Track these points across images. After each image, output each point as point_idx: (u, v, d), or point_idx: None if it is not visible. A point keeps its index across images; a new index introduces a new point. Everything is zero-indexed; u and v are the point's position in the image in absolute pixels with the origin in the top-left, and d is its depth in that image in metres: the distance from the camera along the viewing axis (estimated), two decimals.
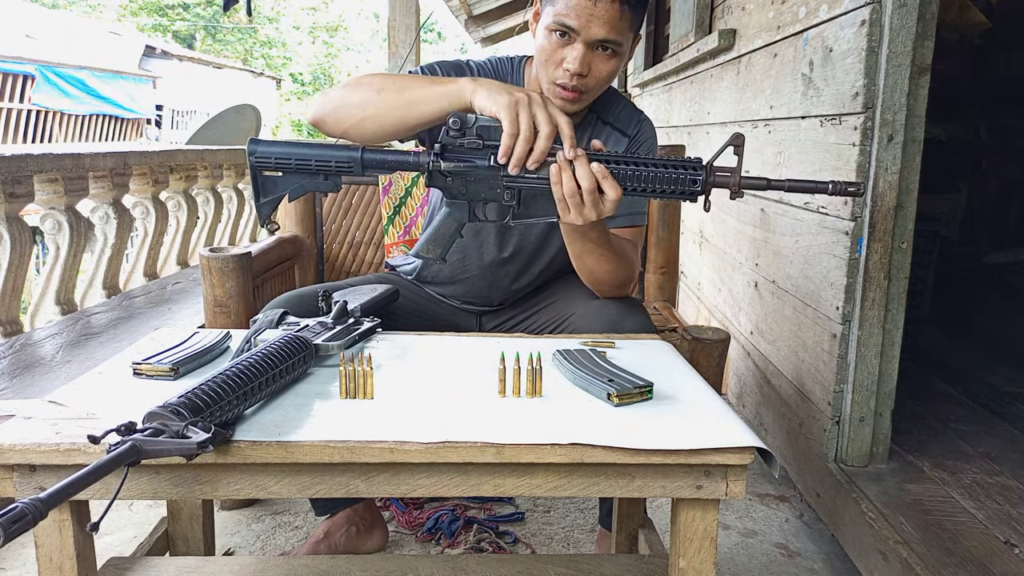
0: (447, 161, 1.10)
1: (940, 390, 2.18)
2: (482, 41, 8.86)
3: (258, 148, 1.10)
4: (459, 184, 1.12)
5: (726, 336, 1.53)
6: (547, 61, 1.26)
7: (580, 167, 1.07)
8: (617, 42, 1.23)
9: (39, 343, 2.33)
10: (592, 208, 1.09)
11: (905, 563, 1.28)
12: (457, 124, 1.08)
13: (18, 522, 0.57)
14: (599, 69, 1.25)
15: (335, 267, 2.04)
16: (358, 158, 1.09)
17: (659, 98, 3.94)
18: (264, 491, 0.86)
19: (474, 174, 1.11)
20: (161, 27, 20.63)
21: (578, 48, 1.22)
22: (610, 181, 1.07)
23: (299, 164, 1.10)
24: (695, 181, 1.08)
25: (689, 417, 0.92)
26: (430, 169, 1.10)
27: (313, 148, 1.10)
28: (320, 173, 1.10)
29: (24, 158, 2.56)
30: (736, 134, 1.06)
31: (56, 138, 10.98)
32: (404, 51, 5.09)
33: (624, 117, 1.45)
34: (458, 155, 1.10)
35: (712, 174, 1.08)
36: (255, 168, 1.11)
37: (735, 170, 1.08)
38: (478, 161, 1.10)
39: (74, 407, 0.90)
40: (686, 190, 1.08)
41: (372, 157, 1.09)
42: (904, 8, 1.44)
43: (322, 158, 1.09)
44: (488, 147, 1.09)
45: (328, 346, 1.03)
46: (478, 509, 1.79)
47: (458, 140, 1.09)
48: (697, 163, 1.08)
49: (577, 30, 1.21)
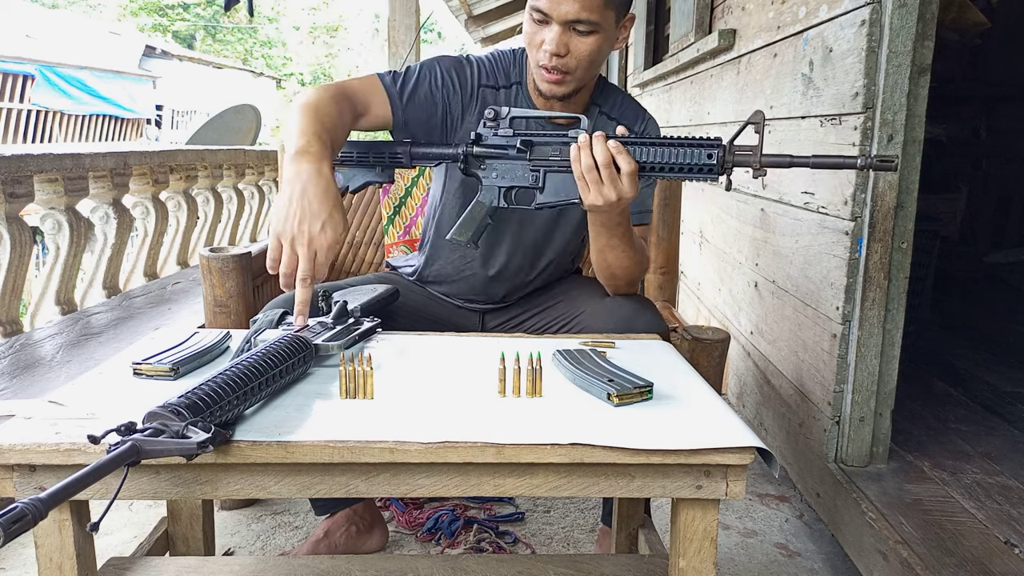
0: (480, 147, 1.23)
1: (940, 390, 2.18)
2: (482, 41, 8.86)
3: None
4: (491, 170, 1.24)
5: (726, 336, 1.53)
6: (530, 45, 1.31)
7: (597, 144, 1.13)
8: (591, 21, 1.24)
9: (39, 343, 2.33)
10: (611, 185, 1.13)
11: (905, 563, 1.28)
12: (492, 115, 1.22)
13: (18, 522, 0.57)
14: (578, 49, 1.27)
15: (335, 267, 2.04)
16: (408, 151, 1.25)
17: (659, 98, 3.94)
18: (264, 491, 0.86)
19: (504, 159, 1.23)
20: (161, 27, 20.63)
21: (554, 29, 1.25)
22: (624, 155, 1.13)
23: (360, 158, 1.26)
24: (711, 156, 1.11)
25: (689, 417, 0.92)
26: (466, 154, 1.23)
27: (370, 145, 1.26)
28: (376, 165, 1.27)
29: (24, 158, 2.56)
30: (757, 111, 1.08)
31: (56, 138, 10.98)
32: (404, 51, 5.09)
33: (629, 113, 1.45)
34: (491, 143, 1.23)
35: (732, 152, 1.11)
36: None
37: (756, 148, 1.10)
38: (508, 148, 1.22)
39: (74, 407, 0.90)
40: (704, 166, 1.12)
41: (419, 150, 1.26)
42: (904, 8, 1.44)
43: (378, 151, 1.25)
44: (518, 135, 1.21)
45: (328, 346, 1.03)
46: (478, 509, 1.79)
47: (493, 131, 1.22)
48: (716, 141, 1.12)
49: (548, 12, 1.24)
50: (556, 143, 1.20)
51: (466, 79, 1.39)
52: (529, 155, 1.20)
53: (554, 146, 1.20)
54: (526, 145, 1.20)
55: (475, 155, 1.23)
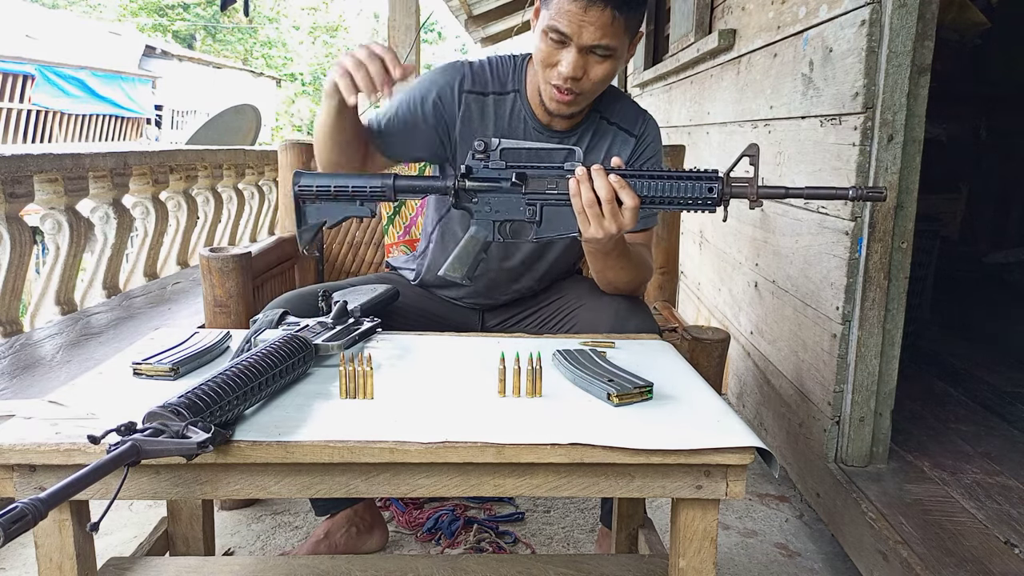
0: (472, 181, 1.17)
1: (940, 390, 2.18)
2: (482, 41, 8.86)
3: (301, 179, 1.17)
4: (483, 203, 1.18)
5: (726, 336, 1.53)
6: (543, 63, 1.28)
7: (598, 178, 1.11)
8: (610, 47, 1.23)
9: (39, 343, 2.33)
10: (612, 219, 1.12)
11: (905, 563, 1.28)
12: (481, 146, 1.17)
13: (18, 522, 0.57)
14: (594, 72, 1.26)
15: (335, 267, 2.04)
16: (391, 185, 1.17)
17: (659, 98, 3.94)
18: (264, 491, 0.86)
19: (498, 193, 1.17)
20: (161, 27, 20.62)
21: (571, 52, 1.23)
22: (628, 191, 1.11)
23: (338, 191, 1.18)
24: (711, 190, 1.10)
25: (689, 417, 0.92)
26: (456, 189, 1.17)
27: (350, 178, 1.19)
28: (356, 199, 1.18)
29: (24, 158, 2.56)
30: (752, 144, 1.08)
31: (56, 138, 10.98)
32: (404, 51, 5.09)
33: (628, 116, 1.45)
34: (482, 176, 1.17)
35: (729, 184, 1.11)
36: (299, 197, 1.18)
37: (752, 180, 1.10)
38: (502, 181, 1.16)
39: (74, 407, 0.90)
40: (703, 199, 1.11)
41: (403, 184, 1.18)
42: (904, 8, 1.44)
43: (358, 186, 1.18)
44: (511, 167, 1.16)
45: (328, 346, 1.03)
46: (478, 509, 1.79)
47: (483, 163, 1.17)
48: (713, 174, 1.11)
49: (570, 36, 1.22)
50: (552, 176, 1.16)
51: (451, 85, 1.39)
52: (524, 188, 1.16)
53: (550, 179, 1.16)
54: (521, 178, 1.16)
55: (466, 189, 1.17)
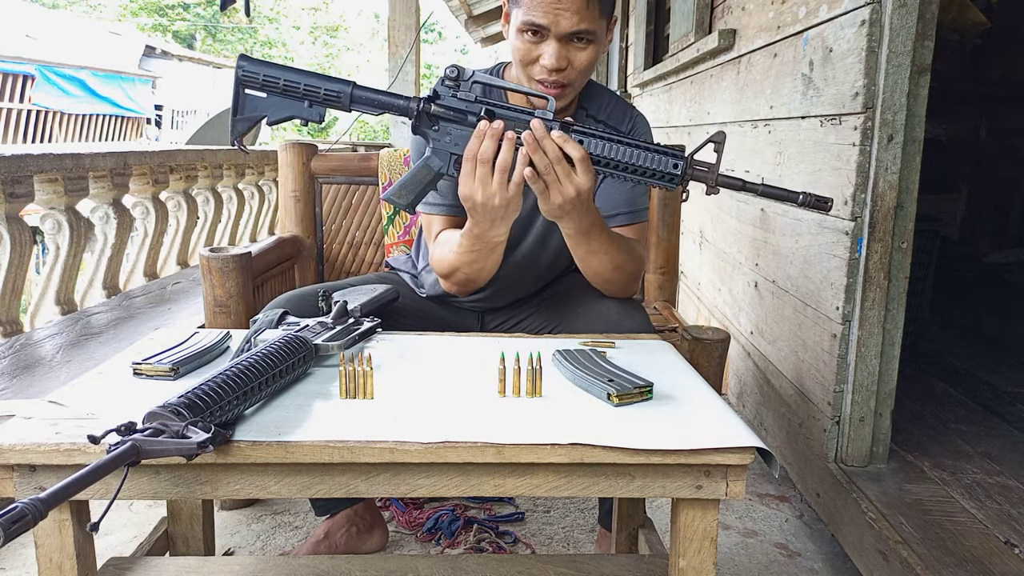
0: (438, 107, 1.10)
1: (940, 390, 2.18)
2: (482, 41, 8.87)
3: (248, 64, 1.08)
4: (444, 133, 1.12)
5: (726, 336, 1.53)
6: (523, 61, 1.26)
7: (543, 139, 1.07)
8: (589, 31, 1.22)
9: (39, 343, 2.33)
10: (567, 179, 1.09)
11: (905, 563, 1.28)
12: (454, 73, 1.10)
13: (18, 522, 0.57)
14: (578, 60, 1.25)
15: (335, 267, 2.04)
16: (348, 92, 1.09)
17: (659, 98, 3.94)
18: (264, 491, 0.86)
19: (461, 124, 1.11)
20: (161, 27, 20.63)
21: (552, 44, 1.22)
22: (571, 143, 1.08)
23: (287, 87, 1.08)
24: (676, 166, 1.08)
25: (689, 417, 0.92)
26: (418, 111, 1.11)
27: (304, 75, 1.09)
28: (306, 99, 1.09)
29: (24, 158, 2.56)
30: (718, 132, 1.08)
31: (56, 138, 10.98)
32: (404, 51, 5.09)
33: (616, 113, 1.44)
34: (449, 104, 1.11)
35: (692, 166, 1.09)
36: (240, 82, 1.08)
37: (713, 166, 1.08)
38: (469, 115, 1.11)
39: (74, 407, 0.90)
40: (667, 174, 1.08)
41: (361, 94, 1.09)
42: (904, 8, 1.44)
43: (311, 85, 1.08)
44: (480, 102, 1.10)
45: (328, 346, 1.03)
46: (478, 509, 1.79)
47: (451, 92, 1.11)
48: (679, 151, 1.10)
49: (547, 26, 1.20)
50: (523, 120, 1.09)
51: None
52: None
53: (519, 123, 1.09)
54: (489, 115, 1.09)
55: (429, 114, 1.10)
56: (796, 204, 1.08)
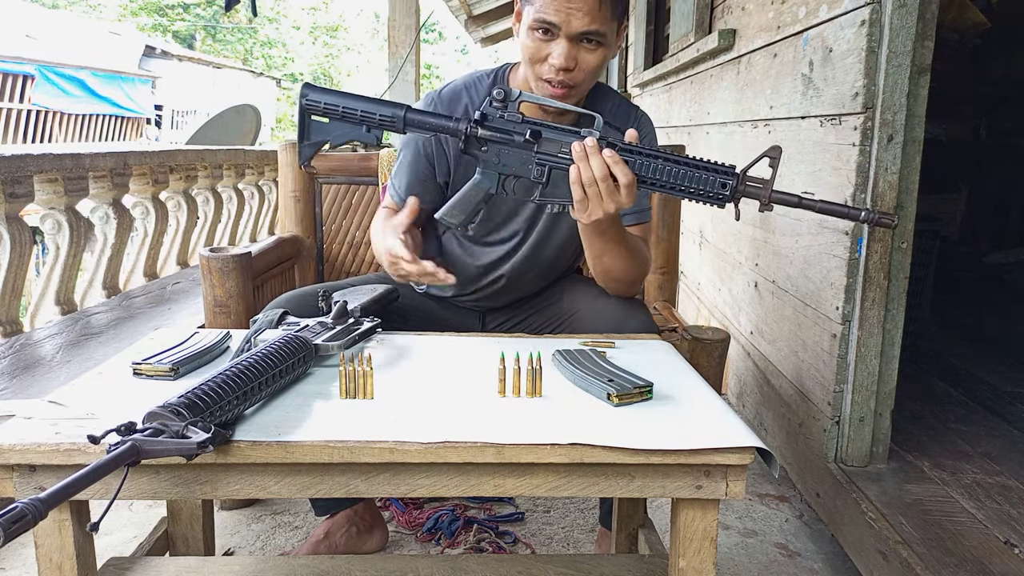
0: (485, 129, 1.14)
1: (940, 390, 2.18)
2: (482, 41, 8.86)
3: (311, 93, 1.14)
4: (493, 154, 1.15)
5: (726, 336, 1.53)
6: (532, 59, 1.26)
7: (593, 156, 1.08)
8: (600, 32, 1.22)
9: (39, 343, 2.33)
10: (609, 197, 1.09)
11: (905, 563, 1.28)
12: (501, 95, 1.13)
13: (18, 522, 0.57)
14: (586, 62, 1.25)
15: (335, 267, 2.04)
16: (401, 116, 1.14)
17: (659, 98, 3.94)
18: (264, 491, 0.86)
19: (509, 146, 1.14)
20: (161, 27, 20.62)
21: (561, 43, 1.22)
22: (621, 166, 1.08)
23: (345, 113, 1.14)
24: (725, 185, 1.06)
25: (689, 417, 0.92)
26: (467, 134, 1.14)
27: (361, 101, 1.14)
28: (363, 124, 1.14)
29: (24, 158, 2.56)
30: (774, 147, 1.04)
31: (56, 138, 10.98)
32: (404, 51, 5.09)
33: (621, 114, 1.44)
34: (496, 126, 1.14)
35: (743, 182, 1.07)
36: (304, 110, 1.15)
37: (768, 182, 1.06)
38: (516, 135, 1.13)
39: (74, 407, 0.90)
40: (715, 193, 1.07)
41: (414, 117, 1.14)
42: (904, 8, 1.44)
43: (367, 111, 1.14)
44: (527, 123, 1.13)
45: (328, 346, 1.03)
46: (478, 509, 1.79)
47: (499, 112, 1.13)
48: (730, 169, 1.07)
49: (558, 25, 1.20)
50: (567, 140, 1.11)
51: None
52: (536, 147, 1.12)
53: (564, 144, 1.12)
54: (535, 136, 1.12)
55: (478, 137, 1.14)
56: (858, 221, 1.06)
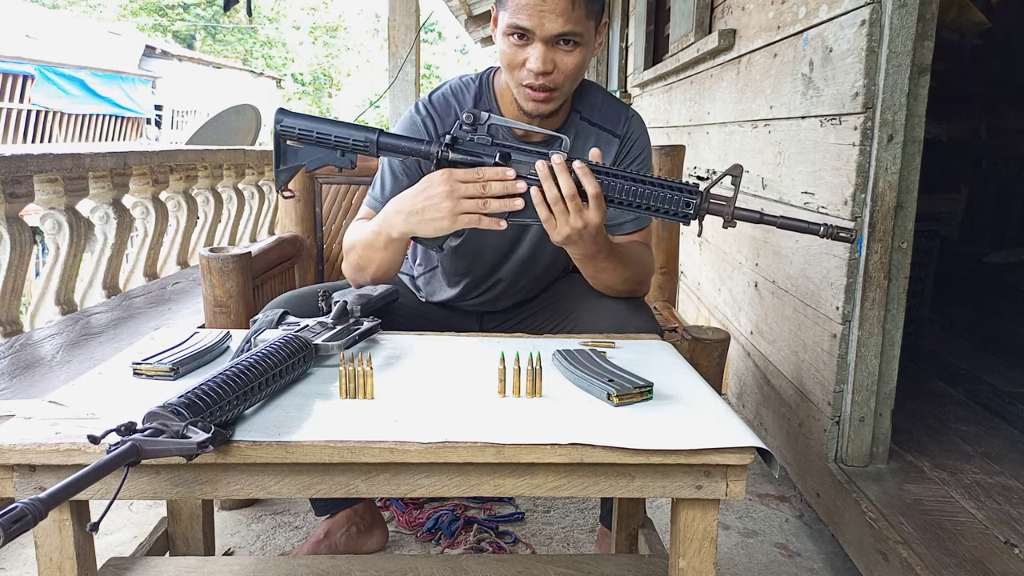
0: (456, 153, 1.14)
1: (940, 390, 2.18)
2: (482, 41, 8.86)
3: (285, 119, 1.15)
4: None
5: (726, 336, 1.53)
6: (510, 65, 1.25)
7: (560, 174, 1.09)
8: (575, 33, 1.20)
9: (39, 343, 2.33)
10: (577, 215, 1.10)
11: (905, 563, 1.28)
12: (470, 119, 1.14)
13: (18, 522, 0.57)
14: (564, 63, 1.23)
15: (335, 267, 2.04)
16: (374, 140, 1.15)
17: (659, 98, 3.94)
18: (264, 491, 0.86)
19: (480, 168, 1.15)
20: (161, 27, 20.64)
21: (537, 47, 1.20)
22: (589, 178, 1.08)
23: (320, 138, 1.15)
24: (688, 204, 1.09)
25: (689, 417, 0.92)
26: (438, 158, 1.15)
27: (334, 126, 1.16)
28: (338, 148, 1.16)
29: (24, 158, 2.56)
30: (735, 165, 1.08)
31: (56, 138, 10.98)
32: (404, 51, 5.09)
33: (610, 115, 1.41)
34: (467, 149, 1.14)
35: (707, 200, 1.10)
36: (279, 136, 1.16)
37: (730, 200, 1.09)
38: (486, 157, 1.14)
39: (74, 407, 0.90)
40: (679, 212, 1.10)
41: (387, 141, 1.15)
42: (904, 8, 1.44)
43: (341, 136, 1.15)
44: (496, 145, 1.14)
45: (328, 346, 1.03)
46: (478, 509, 1.79)
47: (469, 135, 1.14)
48: (694, 188, 1.09)
49: (532, 29, 1.19)
50: (534, 160, 1.12)
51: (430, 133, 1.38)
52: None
53: (533, 165, 1.12)
54: (504, 159, 1.13)
55: (449, 160, 1.14)
56: (818, 236, 1.09)
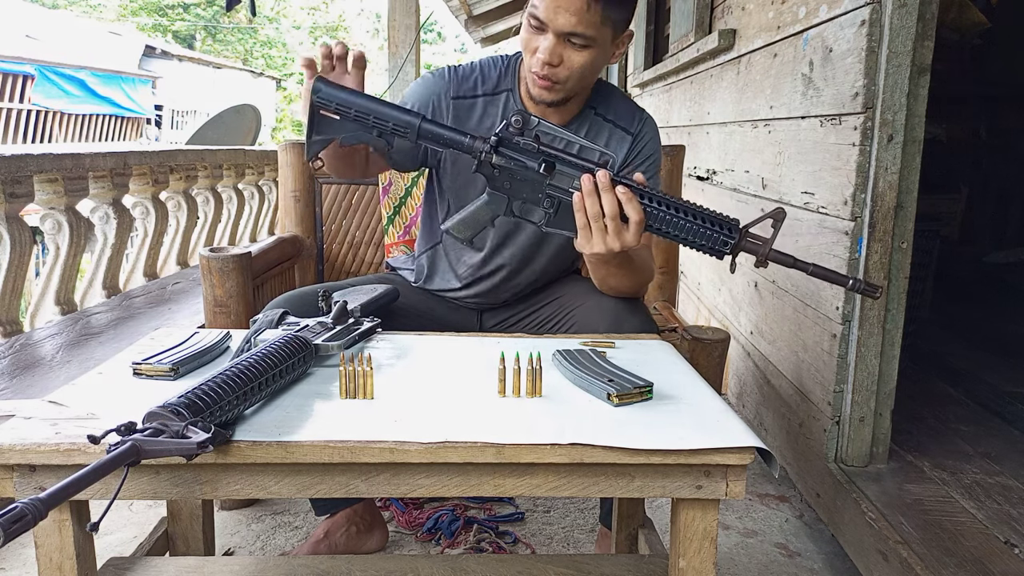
0: (500, 156, 1.12)
1: (940, 390, 2.18)
2: (482, 41, 8.86)
3: (323, 87, 1.09)
4: (504, 179, 1.14)
5: (726, 336, 1.53)
6: (525, 49, 1.30)
7: (604, 192, 1.08)
8: (585, 35, 1.23)
9: (39, 343, 2.33)
10: (615, 236, 1.10)
11: (905, 563, 1.28)
12: (519, 122, 1.11)
13: (18, 522, 0.57)
14: (571, 60, 1.26)
15: (335, 267, 2.04)
16: (415, 126, 1.10)
17: (659, 98, 3.94)
18: (264, 491, 0.86)
19: (522, 174, 1.13)
20: (161, 27, 20.64)
21: (548, 39, 1.24)
22: (634, 203, 1.08)
23: (358, 115, 1.09)
24: (726, 243, 1.09)
25: (689, 417, 0.92)
26: (481, 158, 1.13)
27: (376, 103, 1.10)
28: (375, 128, 1.10)
29: (24, 158, 2.56)
30: (778, 209, 1.08)
31: (56, 138, 10.98)
32: (404, 51, 5.09)
33: (625, 114, 1.45)
34: (512, 152, 1.12)
35: (744, 238, 1.10)
36: (316, 105, 1.11)
37: (767, 241, 1.10)
38: (529, 162, 1.12)
39: (74, 407, 0.90)
40: (715, 247, 1.10)
41: (428, 128, 1.11)
42: (904, 8, 1.44)
43: (381, 116, 1.09)
44: (542, 152, 1.12)
45: (328, 346, 1.03)
46: (478, 509, 1.79)
47: (515, 137, 1.12)
48: (734, 224, 1.09)
49: (546, 21, 1.23)
50: (578, 175, 1.11)
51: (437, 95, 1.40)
52: (549, 179, 1.12)
53: (576, 178, 1.11)
54: (549, 168, 1.11)
55: (492, 162, 1.13)
56: (846, 288, 1.10)
